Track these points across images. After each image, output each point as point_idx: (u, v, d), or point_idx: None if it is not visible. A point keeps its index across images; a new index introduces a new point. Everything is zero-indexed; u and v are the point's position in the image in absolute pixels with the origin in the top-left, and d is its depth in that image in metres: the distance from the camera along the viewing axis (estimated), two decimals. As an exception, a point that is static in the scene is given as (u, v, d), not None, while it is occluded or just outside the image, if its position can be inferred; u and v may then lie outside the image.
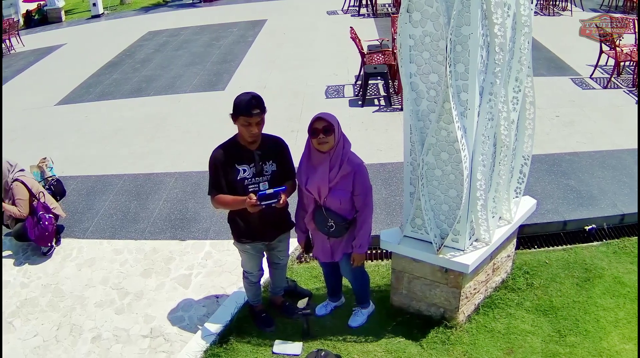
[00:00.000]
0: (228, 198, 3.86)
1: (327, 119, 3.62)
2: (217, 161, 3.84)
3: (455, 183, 3.75)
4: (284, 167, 3.98)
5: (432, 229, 3.95)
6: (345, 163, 3.72)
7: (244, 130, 3.73)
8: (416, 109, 3.71)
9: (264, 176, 3.89)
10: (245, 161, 3.85)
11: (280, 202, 3.68)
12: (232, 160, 3.83)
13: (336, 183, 3.76)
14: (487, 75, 3.52)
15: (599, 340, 4.29)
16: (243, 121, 3.67)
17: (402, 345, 4.31)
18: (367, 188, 3.86)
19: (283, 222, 4.23)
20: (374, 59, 9.24)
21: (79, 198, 6.87)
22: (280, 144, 4.01)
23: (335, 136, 3.65)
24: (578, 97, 8.64)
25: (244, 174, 3.85)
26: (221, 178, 3.84)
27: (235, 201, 3.83)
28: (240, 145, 3.86)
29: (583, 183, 6.26)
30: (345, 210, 3.88)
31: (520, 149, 4.22)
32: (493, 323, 4.48)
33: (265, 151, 3.90)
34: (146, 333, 4.70)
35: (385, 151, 7.20)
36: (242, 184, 3.85)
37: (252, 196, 3.67)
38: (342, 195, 3.80)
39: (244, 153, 3.85)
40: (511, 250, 4.81)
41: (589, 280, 4.91)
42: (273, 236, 4.22)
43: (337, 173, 3.72)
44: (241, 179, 3.84)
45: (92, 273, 5.49)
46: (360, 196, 3.83)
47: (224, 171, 3.84)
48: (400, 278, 4.47)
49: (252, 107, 3.62)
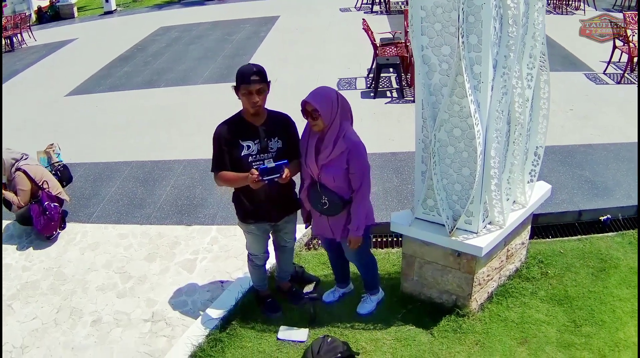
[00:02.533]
0: (231, 174, 3.74)
1: (313, 104, 3.48)
2: (221, 136, 3.72)
3: (468, 160, 3.61)
4: (290, 144, 3.83)
5: (444, 210, 3.81)
6: (340, 140, 3.57)
7: (245, 100, 3.59)
8: (428, 83, 3.57)
9: (269, 153, 3.75)
10: (250, 137, 3.71)
11: (283, 176, 3.55)
12: (236, 136, 3.71)
13: (330, 160, 3.62)
14: (500, 48, 3.38)
15: (616, 331, 4.12)
16: (244, 90, 3.55)
17: (412, 333, 4.17)
18: (364, 167, 3.67)
19: (289, 202, 4.09)
20: (387, 51, 9.13)
21: (85, 184, 6.80)
22: (286, 121, 3.86)
23: (323, 118, 3.51)
24: (592, 92, 8.54)
25: (248, 150, 3.72)
26: (225, 155, 3.72)
27: (238, 177, 3.69)
28: (245, 121, 3.73)
29: (598, 174, 6.13)
30: (340, 189, 3.71)
31: (535, 130, 4.07)
32: (507, 312, 4.32)
33: (271, 127, 3.76)
34: (147, 317, 4.59)
35: (397, 140, 7.06)
36: (247, 161, 3.71)
37: (253, 171, 3.54)
38: (335, 172, 3.64)
39: (249, 128, 3.72)
40: (525, 237, 4.65)
41: (605, 270, 4.75)
42: (279, 216, 4.07)
43: (332, 151, 3.59)
44: (245, 156, 3.71)
45: (95, 257, 5.40)
46: (356, 175, 3.65)
47: (228, 148, 3.71)
48: (411, 263, 4.33)
49: (252, 74, 3.52)
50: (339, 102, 3.56)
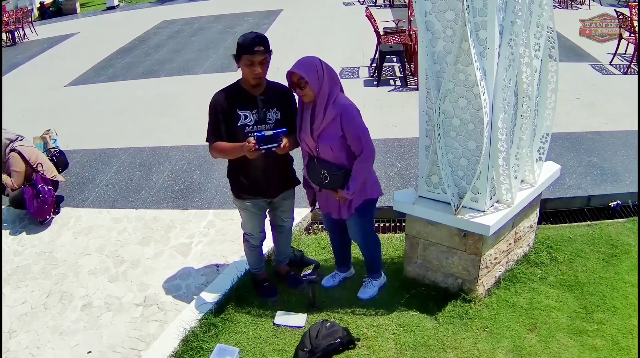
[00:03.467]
0: (227, 144, 3.56)
1: (299, 73, 3.33)
2: (218, 105, 3.54)
3: (474, 133, 3.42)
4: (289, 117, 3.65)
5: (449, 186, 3.62)
6: (330, 106, 3.40)
7: (247, 71, 3.41)
8: (432, 51, 3.38)
9: (267, 124, 3.58)
10: (248, 107, 3.54)
11: (281, 146, 3.36)
12: (233, 105, 3.53)
13: (323, 129, 3.44)
14: (506, 13, 3.20)
15: (629, 317, 3.93)
16: (246, 61, 3.36)
17: (416, 319, 3.98)
18: (359, 129, 3.47)
19: (287, 177, 3.93)
20: (390, 39, 8.95)
21: (82, 170, 6.66)
22: (286, 92, 3.67)
23: (311, 86, 3.35)
24: (598, 81, 8.38)
25: (246, 120, 3.55)
26: (221, 124, 3.55)
27: (234, 147, 3.51)
28: (243, 89, 3.56)
29: (606, 160, 5.96)
30: (339, 158, 3.52)
31: (543, 105, 3.88)
32: (515, 297, 4.14)
33: (270, 97, 3.59)
34: (139, 301, 4.42)
35: (401, 126, 6.88)
36: (243, 131, 3.54)
37: (250, 140, 3.32)
38: (332, 140, 3.45)
39: (247, 97, 3.55)
40: (534, 220, 4.46)
41: (616, 256, 4.56)
42: (277, 191, 3.90)
43: (323, 120, 3.42)
44: (242, 126, 3.55)
45: (89, 241, 5.24)
46: (354, 140, 3.46)
47: (224, 116, 3.54)
48: (414, 245, 4.15)
49: (255, 44, 3.33)
50: (323, 68, 3.40)
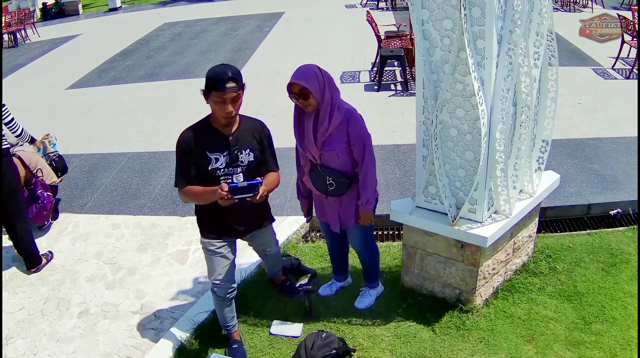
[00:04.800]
0: (198, 188, 3.26)
1: (301, 83, 3.23)
2: (186, 146, 3.24)
3: (472, 143, 3.39)
4: (264, 156, 3.42)
5: (447, 197, 3.59)
6: (335, 112, 3.34)
7: (217, 109, 3.13)
8: (429, 60, 3.35)
9: (239, 167, 3.31)
10: (218, 148, 3.26)
11: (257, 198, 3.08)
12: (202, 147, 3.24)
13: (329, 135, 3.39)
14: (505, 22, 3.16)
15: (627, 329, 3.89)
16: (216, 98, 3.08)
17: (413, 329, 3.95)
18: (364, 135, 3.44)
19: (262, 216, 3.71)
20: (391, 43, 8.92)
21: (80, 175, 6.65)
22: (260, 129, 3.41)
23: (314, 96, 3.27)
24: (600, 86, 8.34)
25: (217, 164, 3.26)
26: (190, 166, 3.26)
27: (205, 191, 3.21)
28: (213, 128, 3.27)
29: (607, 167, 5.92)
30: (344, 164, 3.49)
31: (542, 114, 3.85)
32: (513, 308, 4.10)
33: (243, 136, 3.31)
34: (136, 309, 4.41)
35: (400, 132, 6.86)
36: (214, 175, 3.27)
37: (223, 186, 3.05)
38: (337, 146, 3.41)
39: (217, 137, 3.25)
40: (533, 229, 4.43)
41: (615, 266, 4.53)
42: (247, 231, 3.66)
43: (329, 126, 3.36)
44: (213, 170, 3.27)
45: (86, 248, 5.23)
46: (357, 145, 3.42)
47: (194, 159, 3.25)
48: (412, 255, 4.12)
49: (226, 80, 3.02)
50: (323, 75, 3.33)
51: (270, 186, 3.37)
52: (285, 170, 6.20)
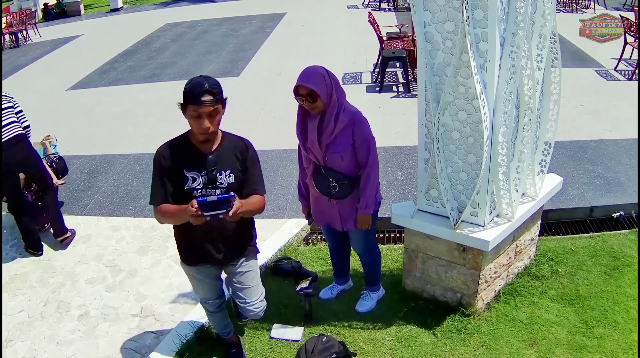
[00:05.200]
0: (171, 207, 2.97)
1: (309, 86, 3.21)
2: (162, 162, 2.99)
3: (474, 146, 3.37)
4: (246, 178, 3.10)
5: (448, 201, 3.57)
6: (341, 114, 3.33)
7: (193, 124, 2.89)
8: (431, 63, 3.33)
9: (217, 189, 3.01)
10: (196, 167, 2.98)
11: (230, 214, 2.75)
12: (179, 164, 2.98)
13: (335, 137, 3.37)
14: (508, 24, 3.14)
15: (630, 333, 3.86)
16: (191, 111, 2.82)
17: (414, 333, 3.93)
18: (369, 138, 3.44)
19: (243, 244, 3.34)
20: (393, 44, 8.91)
21: (81, 176, 6.63)
22: (243, 148, 3.11)
23: (322, 98, 3.25)
24: (602, 87, 8.30)
25: (194, 184, 2.99)
26: (166, 184, 2.99)
27: (178, 210, 2.90)
28: (192, 145, 3.01)
29: (610, 169, 5.88)
30: (348, 167, 3.47)
31: (545, 117, 3.83)
32: (515, 312, 4.08)
33: (223, 155, 3.03)
34: (136, 312, 4.39)
35: (402, 134, 6.85)
36: (190, 196, 2.95)
37: (193, 202, 2.73)
38: (343, 149, 3.39)
39: (195, 155, 2.99)
40: (535, 233, 4.40)
41: (618, 269, 4.50)
42: (226, 259, 3.29)
43: (334, 128, 3.34)
44: (189, 190, 2.98)
45: (87, 250, 5.21)
46: (362, 148, 3.41)
47: (170, 177, 2.99)
48: (413, 258, 4.10)
49: (202, 93, 2.79)
50: (330, 76, 3.32)
51: (249, 206, 3.00)
52: (287, 172, 6.20)
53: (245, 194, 3.06)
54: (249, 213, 3.07)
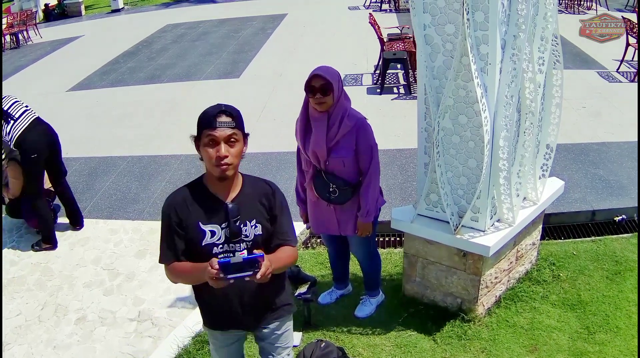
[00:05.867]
0: (186, 266, 2.49)
1: (325, 77, 3.19)
2: (172, 214, 2.49)
3: (475, 151, 3.33)
4: (275, 228, 2.60)
5: (449, 205, 3.53)
6: (346, 119, 3.30)
7: (208, 155, 2.38)
8: (431, 66, 3.30)
9: (242, 243, 2.51)
10: (214, 219, 2.48)
11: (258, 276, 2.25)
12: (194, 217, 2.47)
13: (337, 142, 3.34)
14: (509, 27, 3.11)
15: (631, 338, 3.82)
16: (206, 139, 2.37)
17: (414, 339, 3.89)
18: (372, 145, 3.42)
19: (275, 303, 2.78)
20: (394, 46, 8.87)
21: (79, 178, 6.60)
22: (269, 193, 2.60)
23: (334, 94, 3.24)
24: (605, 89, 8.27)
25: (212, 238, 2.48)
26: (178, 240, 2.49)
27: (195, 269, 2.42)
28: (208, 192, 2.51)
29: (612, 172, 5.84)
30: (349, 173, 3.44)
31: (547, 121, 3.79)
32: (515, 317, 4.03)
33: (246, 203, 2.53)
34: (133, 316, 4.36)
35: (403, 136, 6.82)
36: (210, 253, 2.47)
37: (213, 262, 2.25)
38: (345, 155, 3.36)
39: (213, 204, 2.49)
40: (536, 237, 4.36)
41: (620, 273, 4.45)
42: (258, 322, 2.79)
43: (338, 131, 3.31)
44: (209, 246, 2.48)
45: (85, 253, 5.18)
46: (365, 155, 3.39)
47: (183, 231, 2.49)
48: (413, 263, 4.06)
49: (217, 114, 2.37)
50: (339, 78, 3.32)
51: (279, 263, 2.49)
52: (287, 175, 6.16)
53: (274, 246, 2.58)
54: (280, 270, 2.57)
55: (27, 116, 5.05)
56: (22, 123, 4.97)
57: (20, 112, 5.03)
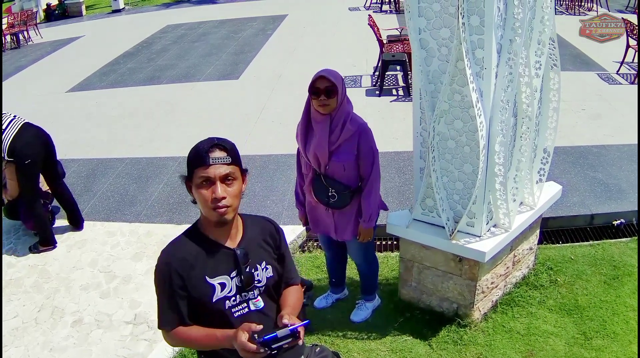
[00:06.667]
0: (197, 334, 2.17)
1: (330, 79, 3.18)
2: (174, 276, 2.13)
3: (470, 156, 3.31)
4: (284, 267, 2.39)
5: (444, 211, 3.51)
6: (348, 123, 3.29)
7: (202, 198, 2.07)
8: (426, 70, 3.28)
9: (255, 289, 2.25)
10: (222, 270, 2.18)
11: (300, 342, 2.04)
12: (198, 271, 2.15)
13: (338, 146, 3.33)
14: (505, 31, 3.08)
15: (628, 344, 3.80)
16: (200, 180, 2.06)
17: (409, 344, 3.87)
18: (374, 151, 3.42)
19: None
20: (393, 47, 8.86)
21: (77, 180, 6.59)
22: (272, 231, 2.37)
23: (338, 97, 3.23)
24: (605, 91, 8.24)
25: (223, 291, 2.18)
26: (179, 301, 2.14)
27: (211, 339, 2.13)
28: (208, 240, 2.19)
29: (611, 176, 5.81)
30: (349, 177, 3.44)
31: (544, 125, 3.77)
32: (512, 322, 4.02)
33: (252, 245, 2.26)
34: (130, 319, 4.34)
35: (401, 139, 6.79)
36: (222, 308, 2.18)
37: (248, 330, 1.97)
38: (346, 159, 3.36)
39: (217, 253, 2.19)
40: (533, 241, 4.34)
41: (618, 278, 4.44)
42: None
43: (340, 136, 3.30)
44: (220, 301, 2.18)
45: (81, 255, 5.17)
46: (366, 160, 3.38)
47: (185, 292, 2.14)
48: (409, 268, 4.04)
49: (211, 148, 2.07)
50: (343, 82, 3.31)
51: (297, 309, 2.33)
52: (285, 177, 6.15)
53: (282, 288, 2.38)
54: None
55: (14, 123, 5.00)
56: (10, 131, 4.94)
57: (8, 122, 5.00)
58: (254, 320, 2.10)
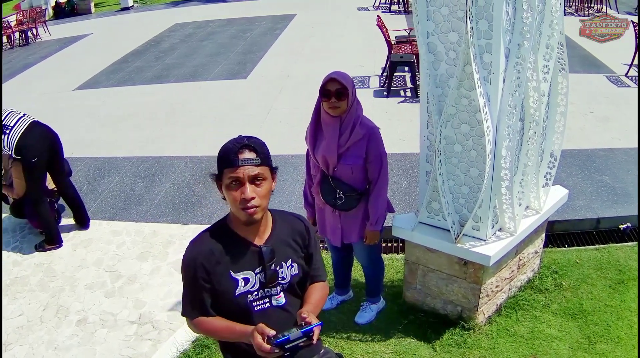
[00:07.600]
0: (217, 325, 2.25)
1: (341, 81, 3.18)
2: (197, 266, 2.21)
3: (477, 160, 3.30)
4: (311, 266, 2.42)
5: (450, 214, 3.51)
6: (357, 127, 3.30)
7: (232, 198, 2.11)
8: (434, 74, 3.28)
9: (278, 286, 2.30)
10: (247, 265, 2.24)
11: (315, 342, 2.06)
12: (224, 266, 2.22)
13: (347, 149, 3.33)
14: (513, 35, 3.07)
15: (632, 349, 3.79)
16: (228, 179, 2.10)
17: (413, 346, 3.87)
18: (382, 155, 3.42)
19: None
20: (401, 49, 8.85)
21: (84, 179, 6.61)
22: (302, 229, 2.40)
23: (349, 99, 3.23)
24: (613, 94, 8.18)
25: (246, 286, 2.25)
26: (204, 293, 2.24)
27: (230, 332, 2.22)
28: (235, 235, 2.25)
29: (618, 179, 5.78)
30: (356, 180, 3.44)
31: (551, 129, 3.75)
32: (516, 326, 4.01)
33: (279, 243, 2.30)
34: (134, 319, 4.36)
35: (408, 140, 6.78)
36: (244, 303, 2.25)
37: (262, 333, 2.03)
38: (354, 162, 3.36)
39: (243, 249, 2.25)
40: (539, 245, 4.33)
41: (623, 283, 4.42)
42: None
43: (349, 139, 3.30)
44: (242, 295, 2.25)
45: (87, 254, 5.19)
46: (374, 164, 3.39)
47: (210, 285, 2.23)
48: (414, 270, 4.04)
49: (241, 149, 2.10)
50: (354, 84, 3.31)
51: (319, 307, 2.35)
52: (292, 178, 6.15)
53: (308, 284, 2.43)
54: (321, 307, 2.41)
55: (22, 121, 5.03)
56: (18, 129, 4.96)
57: (16, 120, 5.02)
58: (274, 316, 2.24)
